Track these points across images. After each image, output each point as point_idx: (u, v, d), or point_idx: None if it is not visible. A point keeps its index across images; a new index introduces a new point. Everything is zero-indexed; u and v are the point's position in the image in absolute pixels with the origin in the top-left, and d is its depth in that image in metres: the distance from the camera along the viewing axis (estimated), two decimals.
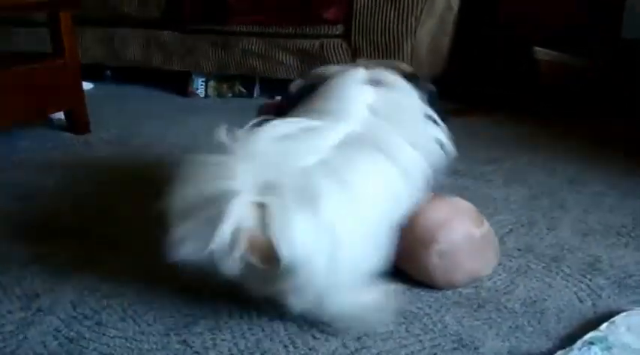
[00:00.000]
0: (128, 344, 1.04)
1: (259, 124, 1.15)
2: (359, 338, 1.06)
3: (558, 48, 2.76)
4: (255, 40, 2.86)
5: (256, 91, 3.07)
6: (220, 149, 1.07)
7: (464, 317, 1.12)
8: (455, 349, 1.03)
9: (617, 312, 1.11)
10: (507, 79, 2.77)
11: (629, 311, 1.11)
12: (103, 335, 1.07)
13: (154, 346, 1.04)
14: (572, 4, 2.59)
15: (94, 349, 1.03)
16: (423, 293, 1.20)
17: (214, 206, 0.96)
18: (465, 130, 2.41)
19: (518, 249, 1.37)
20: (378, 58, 2.58)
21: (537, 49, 2.74)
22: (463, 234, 1.23)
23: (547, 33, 2.67)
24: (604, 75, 2.62)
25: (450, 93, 2.92)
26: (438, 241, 1.20)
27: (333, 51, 2.68)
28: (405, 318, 1.12)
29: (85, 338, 1.06)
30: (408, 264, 1.22)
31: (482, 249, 1.25)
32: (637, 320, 1.08)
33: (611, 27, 2.56)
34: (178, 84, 3.15)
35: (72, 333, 1.07)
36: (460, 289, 1.21)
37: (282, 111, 1.31)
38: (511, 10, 2.65)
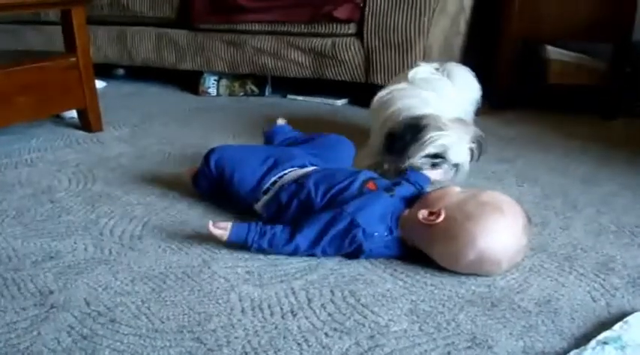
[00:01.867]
0: (142, 342, 1.04)
1: None
2: (372, 337, 1.06)
3: (570, 48, 2.75)
4: (266, 38, 2.86)
5: (268, 90, 3.07)
6: None
7: (477, 315, 1.12)
8: (468, 348, 1.03)
9: (631, 312, 1.11)
10: (517, 77, 2.77)
11: None
12: (117, 332, 1.07)
13: (168, 343, 1.04)
14: (584, 5, 2.57)
15: (108, 346, 1.04)
16: (436, 291, 1.20)
17: None
18: None
19: (532, 249, 1.36)
20: (391, 57, 2.58)
21: (549, 48, 2.73)
22: (522, 217, 1.27)
23: (559, 33, 2.66)
24: (614, 76, 2.61)
25: None
26: (504, 211, 1.25)
27: (345, 50, 2.68)
28: (418, 317, 1.12)
29: (99, 335, 1.06)
30: (459, 227, 1.24)
31: (522, 243, 1.27)
32: None
33: (623, 29, 2.55)
34: (190, 82, 3.16)
35: (85, 330, 1.08)
36: (473, 287, 1.21)
37: None
38: (524, 10, 2.63)
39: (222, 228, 1.34)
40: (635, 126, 2.49)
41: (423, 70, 1.91)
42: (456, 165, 1.64)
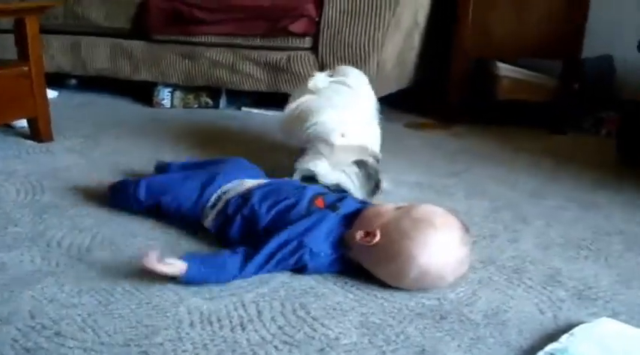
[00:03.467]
0: None
1: None
2: (322, 350, 1.06)
3: (521, 65, 2.81)
4: (222, 51, 2.86)
5: (222, 103, 3.06)
6: None
7: (426, 328, 1.13)
8: None
9: (577, 323, 1.13)
10: (468, 92, 2.82)
11: (588, 323, 1.13)
12: (62, 345, 1.05)
13: None
14: (535, 23, 2.63)
15: None
16: (386, 304, 1.21)
17: None
18: (425, 143, 2.45)
19: (481, 261, 1.39)
20: None
21: (499, 64, 2.78)
22: (458, 228, 1.28)
23: (510, 50, 2.72)
24: (563, 92, 2.67)
25: (414, 107, 2.97)
26: (437, 226, 1.25)
27: (300, 64, 2.69)
28: (367, 329, 1.12)
29: (44, 349, 1.04)
30: (397, 246, 1.24)
31: (463, 253, 1.28)
32: (596, 332, 1.10)
33: (572, 46, 2.61)
34: (144, 94, 3.13)
35: (30, 344, 1.06)
36: (423, 300, 1.22)
37: None
38: (476, 28, 2.68)
39: (173, 265, 1.25)
40: (582, 141, 2.54)
41: (321, 79, 1.96)
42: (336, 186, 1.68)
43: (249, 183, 1.55)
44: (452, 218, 1.30)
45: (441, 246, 1.24)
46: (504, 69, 2.76)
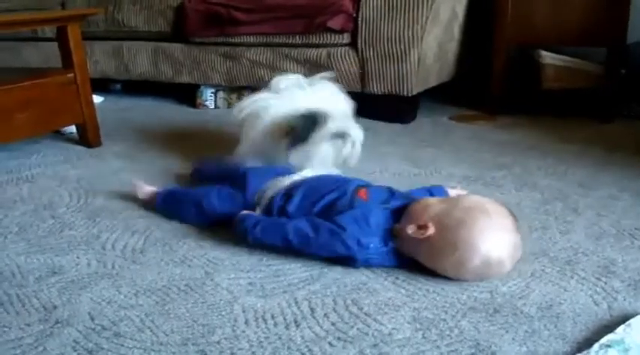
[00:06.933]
0: None
1: None
2: (376, 345, 1.06)
3: (564, 52, 2.77)
4: (262, 50, 2.88)
5: None
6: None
7: (480, 322, 1.13)
8: (472, 354, 1.03)
9: (634, 314, 1.11)
10: (512, 82, 2.79)
11: None
12: (122, 346, 1.08)
13: None
14: (578, 10, 2.59)
15: None
16: (438, 298, 1.21)
17: None
18: (471, 136, 2.43)
19: (533, 254, 1.37)
20: (386, 66, 2.59)
21: (543, 52, 2.74)
22: (508, 215, 1.29)
23: (553, 38, 2.68)
24: (609, 79, 2.62)
25: (458, 100, 2.95)
26: (490, 212, 1.26)
27: (340, 60, 2.69)
28: (421, 324, 1.12)
29: (104, 349, 1.07)
30: (454, 235, 1.24)
31: (517, 238, 1.28)
32: None
33: (616, 32, 2.57)
34: (188, 95, 3.17)
35: (90, 345, 1.08)
36: (475, 294, 1.22)
37: None
38: (517, 16, 2.65)
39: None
40: (631, 129, 2.50)
41: (285, 80, 1.93)
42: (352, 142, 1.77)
43: (286, 180, 1.56)
44: (501, 206, 1.30)
45: (497, 231, 1.24)
46: (548, 57, 2.72)
